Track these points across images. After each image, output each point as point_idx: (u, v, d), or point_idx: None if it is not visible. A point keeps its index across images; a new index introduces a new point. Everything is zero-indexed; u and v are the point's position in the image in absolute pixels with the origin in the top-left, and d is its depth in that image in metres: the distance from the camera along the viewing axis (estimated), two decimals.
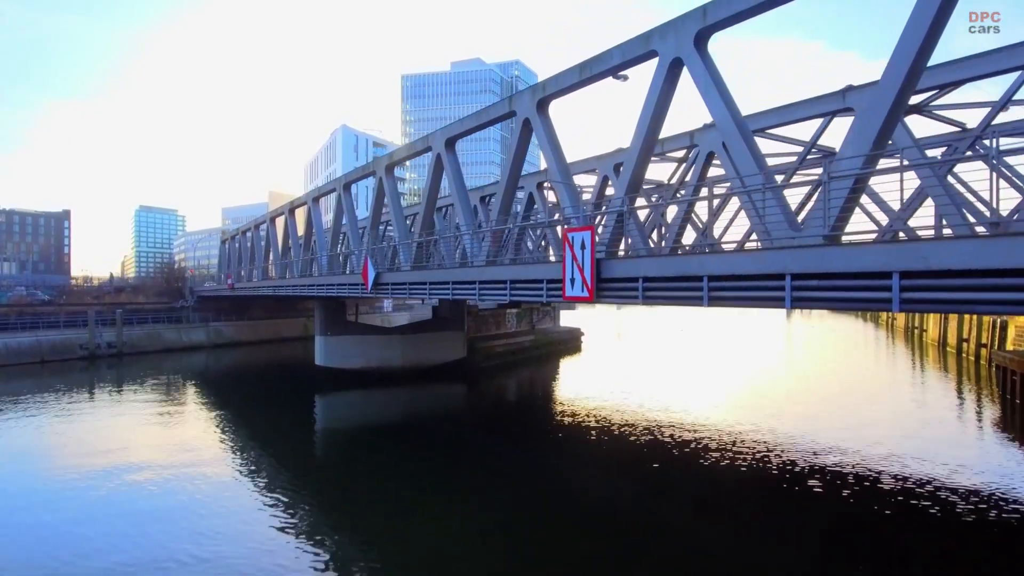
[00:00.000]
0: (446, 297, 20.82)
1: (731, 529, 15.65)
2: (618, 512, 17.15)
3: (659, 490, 19.00)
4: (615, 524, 16.01)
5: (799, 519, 16.21)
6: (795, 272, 10.27)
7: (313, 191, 43.33)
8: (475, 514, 17.08)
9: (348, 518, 17.47)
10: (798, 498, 17.77)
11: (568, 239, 14.56)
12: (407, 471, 21.48)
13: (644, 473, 20.51)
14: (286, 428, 30.47)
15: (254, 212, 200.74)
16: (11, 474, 22.99)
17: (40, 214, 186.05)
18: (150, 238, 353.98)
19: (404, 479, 20.33)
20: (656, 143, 17.72)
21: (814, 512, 16.79)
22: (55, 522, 17.49)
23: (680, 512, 17.31)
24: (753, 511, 16.76)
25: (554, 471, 21.12)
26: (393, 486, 19.75)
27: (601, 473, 21.12)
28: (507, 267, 17.39)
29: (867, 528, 15.05)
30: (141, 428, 31.69)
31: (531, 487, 19.25)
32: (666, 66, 16.14)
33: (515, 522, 16.41)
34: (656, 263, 12.84)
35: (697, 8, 15.28)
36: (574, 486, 19.66)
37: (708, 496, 18.27)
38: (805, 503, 17.39)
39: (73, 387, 47.61)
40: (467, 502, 18.10)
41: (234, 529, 16.79)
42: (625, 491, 19.05)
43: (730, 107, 14.98)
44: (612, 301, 14.05)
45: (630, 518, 16.61)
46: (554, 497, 18.17)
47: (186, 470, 22.14)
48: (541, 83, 20.79)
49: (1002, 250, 7.90)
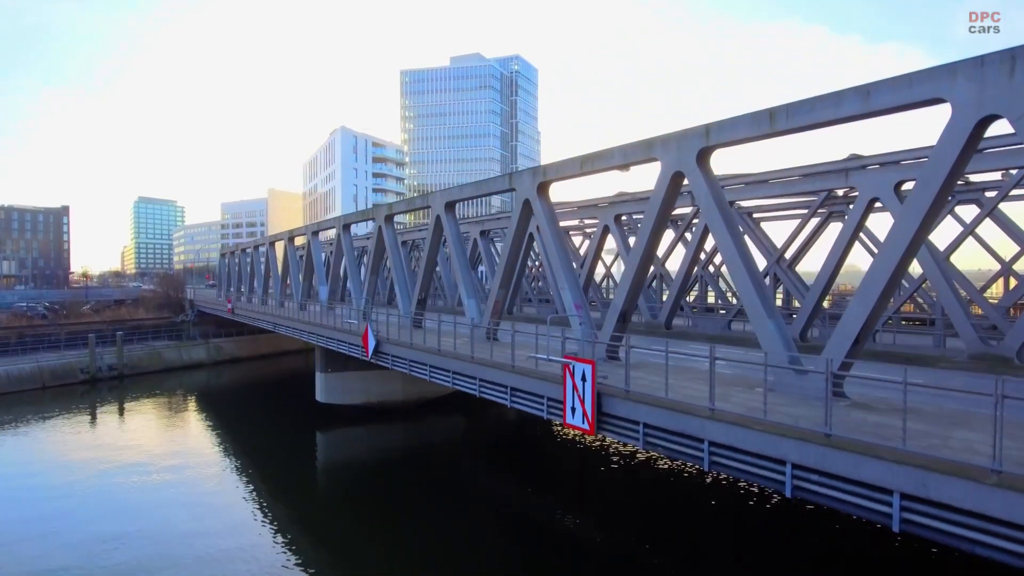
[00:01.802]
0: (446, 384, 20.80)
1: None
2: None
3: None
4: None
5: None
6: (795, 462, 10.25)
7: (313, 225, 43.16)
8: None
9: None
10: None
11: (569, 367, 14.51)
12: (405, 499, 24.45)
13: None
14: (290, 464, 32.38)
15: (253, 208, 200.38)
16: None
17: (39, 210, 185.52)
18: (149, 230, 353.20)
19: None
20: (658, 248, 17.63)
21: None
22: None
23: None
24: None
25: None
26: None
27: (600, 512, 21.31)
28: (510, 374, 17.35)
29: None
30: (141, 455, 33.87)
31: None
32: (668, 177, 16.03)
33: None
34: (658, 414, 12.80)
35: (701, 126, 15.14)
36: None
37: None
38: None
39: (74, 414, 47.78)
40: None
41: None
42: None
43: (729, 224, 14.90)
44: (614, 437, 14.04)
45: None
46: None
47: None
48: (542, 168, 20.66)
49: (1006, 502, 7.87)
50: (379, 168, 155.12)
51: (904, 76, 11.33)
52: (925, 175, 11.20)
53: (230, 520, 23.88)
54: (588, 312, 19.66)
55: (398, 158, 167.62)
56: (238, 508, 25.20)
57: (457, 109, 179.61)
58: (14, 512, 25.21)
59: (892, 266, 11.58)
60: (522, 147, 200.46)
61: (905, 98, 11.34)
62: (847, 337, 12.31)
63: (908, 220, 11.28)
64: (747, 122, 14.20)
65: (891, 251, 11.61)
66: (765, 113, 13.70)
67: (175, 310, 75.56)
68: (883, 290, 11.82)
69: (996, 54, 10.14)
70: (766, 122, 13.72)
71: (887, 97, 11.57)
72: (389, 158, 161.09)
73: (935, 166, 10.97)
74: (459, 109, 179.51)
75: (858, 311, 12.17)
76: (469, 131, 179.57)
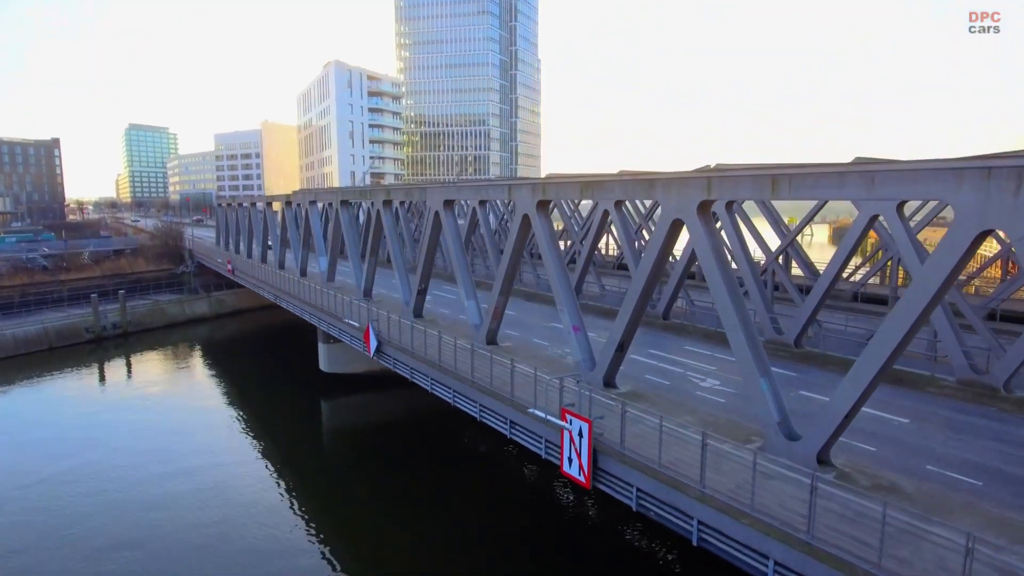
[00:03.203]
0: (447, 399, 21.31)
1: None
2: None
3: None
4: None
5: None
6: (779, 560, 10.81)
7: (309, 194, 42.61)
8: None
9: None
10: None
11: (566, 418, 14.92)
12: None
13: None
14: (297, 431, 35.39)
15: (247, 139, 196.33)
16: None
17: (29, 143, 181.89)
18: (143, 158, 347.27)
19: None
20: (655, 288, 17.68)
21: None
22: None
23: None
24: None
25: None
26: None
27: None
28: (510, 408, 17.78)
29: None
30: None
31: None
32: (667, 224, 15.96)
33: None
34: (650, 483, 13.28)
35: (703, 177, 14.96)
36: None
37: None
38: None
39: (83, 375, 49.08)
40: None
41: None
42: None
43: (726, 277, 14.97)
44: (609, 492, 14.59)
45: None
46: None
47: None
48: (541, 185, 20.41)
49: None
50: (375, 103, 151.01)
51: (911, 171, 11.16)
52: (922, 276, 11.22)
53: (246, 483, 28.01)
54: (586, 334, 19.92)
55: (394, 92, 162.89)
56: (254, 477, 28.80)
57: (454, 36, 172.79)
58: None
59: (882, 360, 11.77)
60: (522, 76, 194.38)
61: (909, 193, 11.26)
62: (835, 417, 12.64)
63: (902, 320, 11.39)
64: (749, 184, 14.03)
65: (883, 344, 11.77)
66: (768, 179, 13.50)
67: (175, 260, 75.58)
68: (872, 378, 12.05)
69: (1004, 169, 9.97)
70: (768, 189, 13.56)
71: (891, 189, 11.44)
72: (385, 92, 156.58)
73: (934, 269, 10.98)
74: (456, 36, 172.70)
75: (850, 392, 12.44)
76: (467, 59, 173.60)
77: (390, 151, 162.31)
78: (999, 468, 13.86)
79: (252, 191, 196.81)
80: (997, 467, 13.92)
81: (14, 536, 23.22)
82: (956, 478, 13.41)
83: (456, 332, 26.76)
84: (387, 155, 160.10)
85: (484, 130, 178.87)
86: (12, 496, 26.49)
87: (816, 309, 23.13)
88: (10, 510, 25.25)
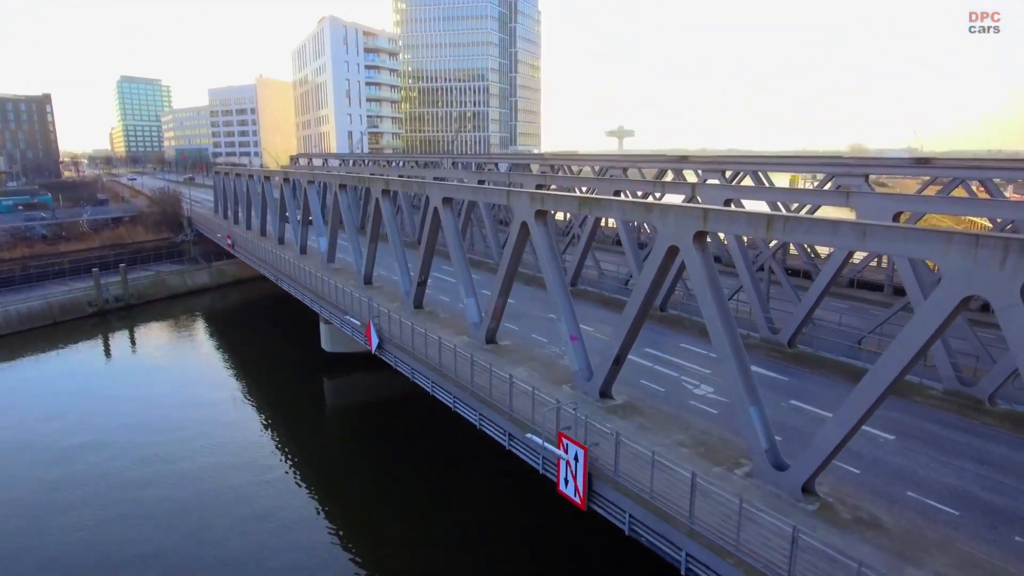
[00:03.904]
0: (447, 402, 21.88)
1: None
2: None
3: None
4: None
5: None
6: None
7: (307, 173, 42.38)
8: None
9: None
10: None
11: (563, 443, 15.47)
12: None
13: None
14: (301, 408, 37.31)
15: (242, 94, 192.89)
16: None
17: (20, 99, 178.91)
18: (136, 111, 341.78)
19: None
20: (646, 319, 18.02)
21: None
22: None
23: None
24: None
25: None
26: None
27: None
28: (509, 423, 18.33)
29: None
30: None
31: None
32: (663, 249, 16.20)
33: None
34: (642, 512, 13.88)
35: (699, 209, 15.18)
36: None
37: None
38: None
39: (89, 349, 49.94)
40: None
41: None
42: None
43: (720, 305, 15.30)
44: (603, 514, 15.23)
45: None
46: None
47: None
48: (540, 195, 20.49)
49: None
50: (372, 60, 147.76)
51: (901, 229, 11.36)
52: (904, 337, 11.54)
53: (255, 460, 30.30)
54: (583, 343, 20.33)
55: (391, 48, 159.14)
56: (261, 451, 31.33)
57: None
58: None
59: (866, 406, 12.21)
60: (521, 29, 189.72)
61: (900, 250, 11.47)
62: (822, 452, 13.16)
63: (883, 375, 11.79)
64: (743, 222, 14.22)
65: (868, 391, 12.19)
66: (763, 219, 13.69)
67: (174, 228, 75.51)
68: (858, 420, 12.52)
69: (991, 238, 10.20)
70: (762, 228, 13.76)
71: (882, 244, 11.67)
72: (381, 48, 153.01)
73: (917, 328, 11.31)
74: None
75: (836, 431, 12.93)
76: (465, 12, 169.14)
77: (388, 110, 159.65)
78: (977, 496, 14.47)
79: (248, 148, 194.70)
80: (975, 494, 14.53)
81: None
82: (935, 507, 14.02)
83: (456, 327, 27.30)
84: (385, 114, 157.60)
85: (483, 85, 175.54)
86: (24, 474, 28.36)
87: (811, 311, 23.46)
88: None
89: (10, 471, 28.86)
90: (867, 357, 21.88)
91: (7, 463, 29.71)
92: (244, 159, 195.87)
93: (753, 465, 14.83)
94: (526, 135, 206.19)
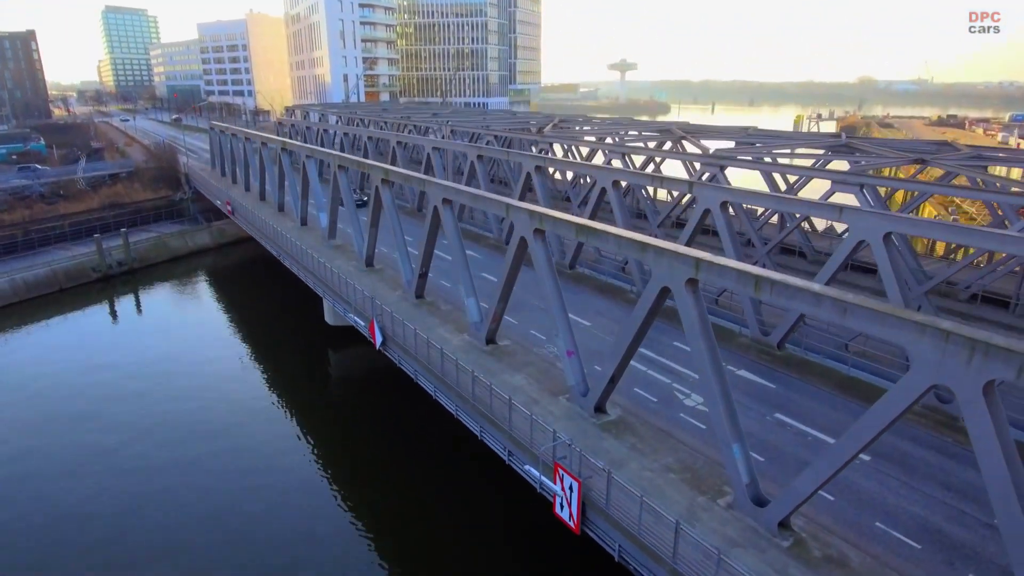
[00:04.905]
0: (449, 409, 22.94)
1: None
2: None
3: None
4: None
5: None
6: None
7: (307, 149, 42.16)
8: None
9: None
10: None
11: (559, 474, 16.58)
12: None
13: None
14: (307, 379, 40.33)
15: (232, 30, 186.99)
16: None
17: (4, 36, 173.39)
18: (123, 44, 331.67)
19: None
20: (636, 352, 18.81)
21: None
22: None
23: None
24: None
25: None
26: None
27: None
28: (508, 440, 19.42)
29: None
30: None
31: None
32: (656, 290, 16.86)
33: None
34: (630, 547, 15.11)
35: (692, 258, 15.71)
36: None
37: None
38: None
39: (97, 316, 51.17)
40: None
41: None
42: None
43: (710, 348, 16.09)
44: (595, 539, 16.48)
45: None
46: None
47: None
48: (539, 215, 20.89)
49: None
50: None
51: (879, 312, 12.02)
52: (868, 418, 12.41)
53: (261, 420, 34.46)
54: (579, 359, 21.19)
55: None
56: (271, 420, 34.76)
57: None
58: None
59: (837, 465, 13.20)
60: None
61: (876, 331, 12.15)
62: (799, 496, 14.23)
63: (851, 445, 12.76)
64: (733, 276, 14.80)
65: (837, 456, 13.17)
66: (751, 278, 14.28)
67: (172, 185, 75.22)
68: (830, 476, 13.54)
69: (960, 337, 10.88)
70: (751, 285, 14.37)
71: (862, 322, 12.35)
72: None
73: (881, 411, 12.18)
74: None
75: (811, 481, 13.96)
76: None
77: (383, 50, 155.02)
78: (939, 527, 15.67)
79: (241, 86, 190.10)
80: (938, 525, 15.73)
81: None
82: (900, 540, 15.22)
83: (457, 322, 28.12)
84: (380, 55, 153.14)
85: (481, 21, 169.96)
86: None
87: (800, 318, 24.20)
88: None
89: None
90: (853, 362, 22.83)
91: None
92: (238, 98, 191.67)
93: (734, 498, 15.96)
94: (525, 72, 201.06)
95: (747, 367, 24.49)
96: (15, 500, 27.00)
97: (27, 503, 26.71)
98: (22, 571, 23.27)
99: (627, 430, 19.62)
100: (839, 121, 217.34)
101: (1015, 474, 10.53)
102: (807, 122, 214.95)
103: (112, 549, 24.24)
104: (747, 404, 21.72)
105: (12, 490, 27.63)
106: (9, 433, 32.35)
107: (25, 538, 24.72)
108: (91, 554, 24.02)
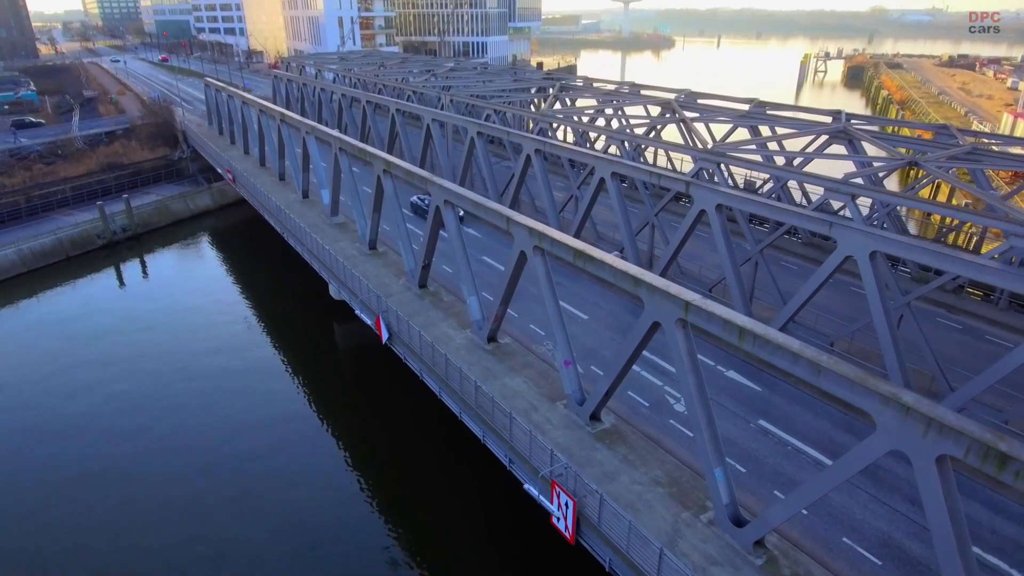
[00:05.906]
0: (454, 411, 24.34)
1: None
2: None
3: None
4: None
5: None
6: None
7: (308, 126, 42.11)
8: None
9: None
10: None
11: (555, 491, 18.07)
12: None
13: None
14: (314, 351, 42.21)
15: None
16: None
17: None
18: None
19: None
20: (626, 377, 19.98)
21: None
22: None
23: None
24: None
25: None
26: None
27: None
28: (506, 449, 20.85)
29: None
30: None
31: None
32: (647, 325, 17.94)
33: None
34: (621, 564, 16.72)
35: (682, 300, 16.68)
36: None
37: None
38: None
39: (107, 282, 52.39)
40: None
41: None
42: None
43: (697, 382, 17.30)
44: (589, 551, 18.11)
45: None
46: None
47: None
48: (538, 233, 21.68)
49: None
50: None
51: (848, 380, 13.13)
52: (832, 470, 13.74)
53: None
54: (576, 368, 22.41)
55: None
56: (280, 390, 37.37)
57: None
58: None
59: (807, 502, 14.60)
60: None
61: (845, 396, 13.31)
62: (769, 523, 15.74)
63: (814, 489, 14.13)
64: (719, 325, 15.79)
65: (807, 495, 14.55)
66: (735, 328, 15.30)
67: (169, 142, 74.76)
68: (800, 508, 14.98)
69: (918, 413, 12.04)
70: (735, 335, 15.40)
71: (832, 385, 13.48)
72: None
73: (845, 466, 13.52)
74: None
75: (783, 511, 15.42)
76: None
77: None
78: (901, 543, 17.29)
79: (233, 23, 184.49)
80: (900, 542, 17.35)
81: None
82: (863, 556, 16.86)
83: (460, 316, 29.18)
84: None
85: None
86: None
87: (794, 314, 25.19)
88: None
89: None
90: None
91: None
92: (229, 37, 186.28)
93: (715, 514, 17.50)
94: (525, 8, 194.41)
95: (736, 367, 25.79)
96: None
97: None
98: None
99: (619, 440, 21.02)
100: (847, 60, 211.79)
101: (961, 543, 11.92)
102: (814, 61, 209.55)
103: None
104: (732, 409, 23.15)
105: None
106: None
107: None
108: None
